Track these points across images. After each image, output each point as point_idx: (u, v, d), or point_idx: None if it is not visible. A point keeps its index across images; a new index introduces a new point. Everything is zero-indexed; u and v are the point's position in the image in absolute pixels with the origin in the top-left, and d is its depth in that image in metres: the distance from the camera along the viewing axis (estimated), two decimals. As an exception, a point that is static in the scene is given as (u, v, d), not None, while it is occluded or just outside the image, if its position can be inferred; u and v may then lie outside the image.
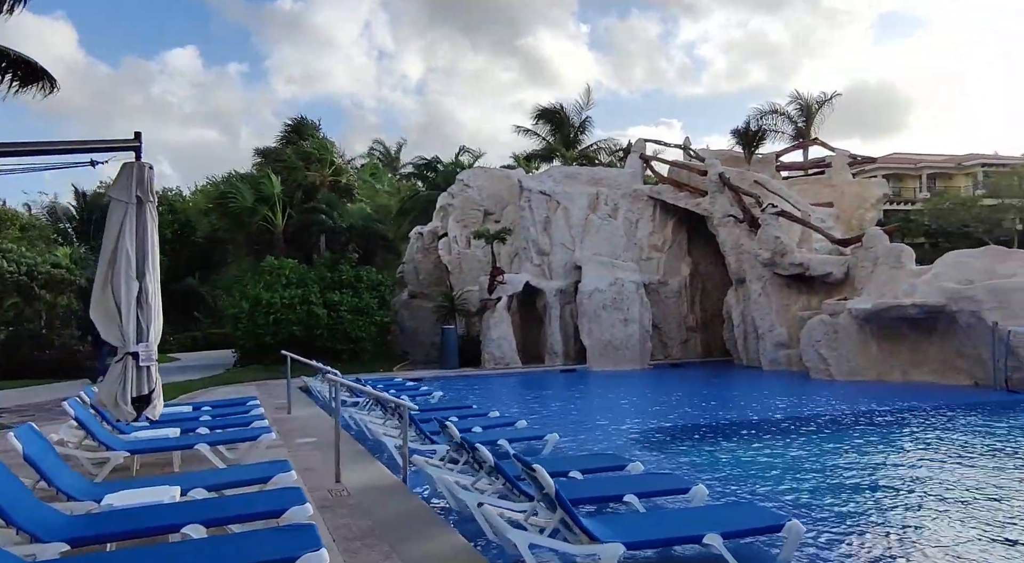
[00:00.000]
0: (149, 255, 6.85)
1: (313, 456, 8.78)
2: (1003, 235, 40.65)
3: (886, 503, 7.18)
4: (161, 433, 8.23)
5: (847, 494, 7.56)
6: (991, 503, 7.04)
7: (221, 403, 11.37)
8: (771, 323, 20.05)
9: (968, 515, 6.69)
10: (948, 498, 7.27)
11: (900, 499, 7.33)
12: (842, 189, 24.15)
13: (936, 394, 14.52)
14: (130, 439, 7.88)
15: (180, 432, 8.40)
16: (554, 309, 22.69)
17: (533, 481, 5.08)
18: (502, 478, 5.80)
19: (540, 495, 5.06)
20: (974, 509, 6.86)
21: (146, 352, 6.82)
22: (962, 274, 15.85)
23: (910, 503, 7.17)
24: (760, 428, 11.77)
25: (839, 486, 7.92)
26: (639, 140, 25.53)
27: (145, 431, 8.25)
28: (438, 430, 9.26)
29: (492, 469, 5.82)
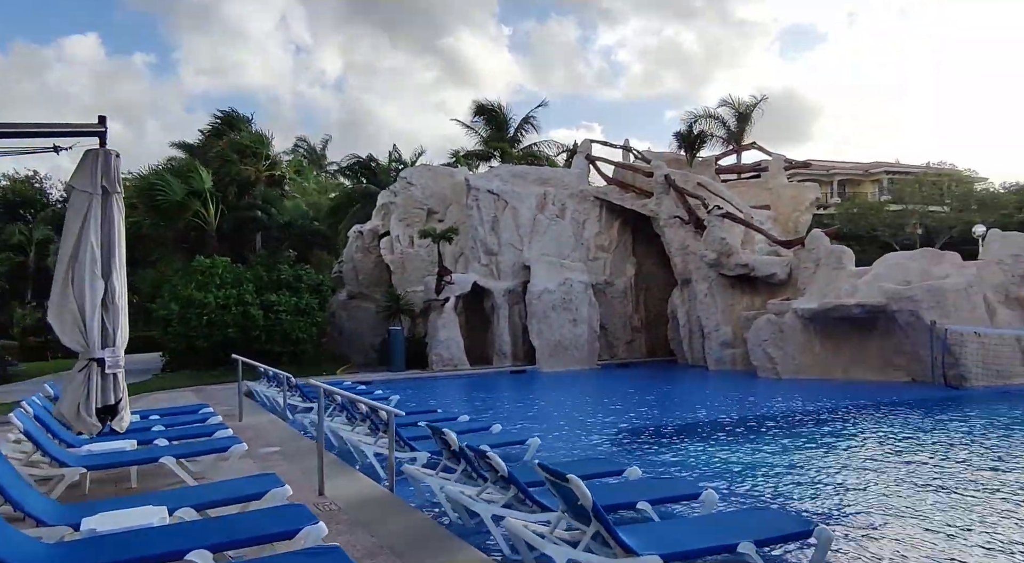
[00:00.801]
0: (116, 251, 6.26)
1: (284, 467, 8.24)
2: (906, 239, 43.02)
3: (857, 496, 7.31)
4: (116, 446, 7.53)
5: (819, 488, 7.67)
6: (944, 492, 7.27)
7: (171, 411, 10.58)
8: (717, 323, 20.44)
9: (917, 502, 6.99)
10: (905, 489, 7.50)
11: (867, 491, 7.53)
12: (778, 192, 24.91)
13: (881, 391, 15.08)
14: (83, 453, 7.18)
15: (137, 444, 7.72)
16: (502, 310, 22.47)
17: (557, 490, 4.83)
18: (513, 488, 5.52)
19: (567, 507, 4.82)
20: (925, 496, 7.13)
21: (113, 358, 6.22)
22: (900, 275, 16.54)
23: (872, 495, 7.41)
24: (725, 427, 11.88)
25: (813, 482, 8.02)
26: (585, 141, 25.64)
27: (97, 444, 7.53)
28: (416, 436, 8.89)
29: (504, 478, 5.53)
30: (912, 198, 45.76)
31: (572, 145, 27.57)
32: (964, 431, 10.96)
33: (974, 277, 15.82)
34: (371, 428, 9.28)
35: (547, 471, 4.76)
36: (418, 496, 7.23)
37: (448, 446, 6.50)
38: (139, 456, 7.09)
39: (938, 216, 44.88)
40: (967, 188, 48.91)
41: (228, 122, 28.93)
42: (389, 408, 7.14)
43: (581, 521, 4.70)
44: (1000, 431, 10.99)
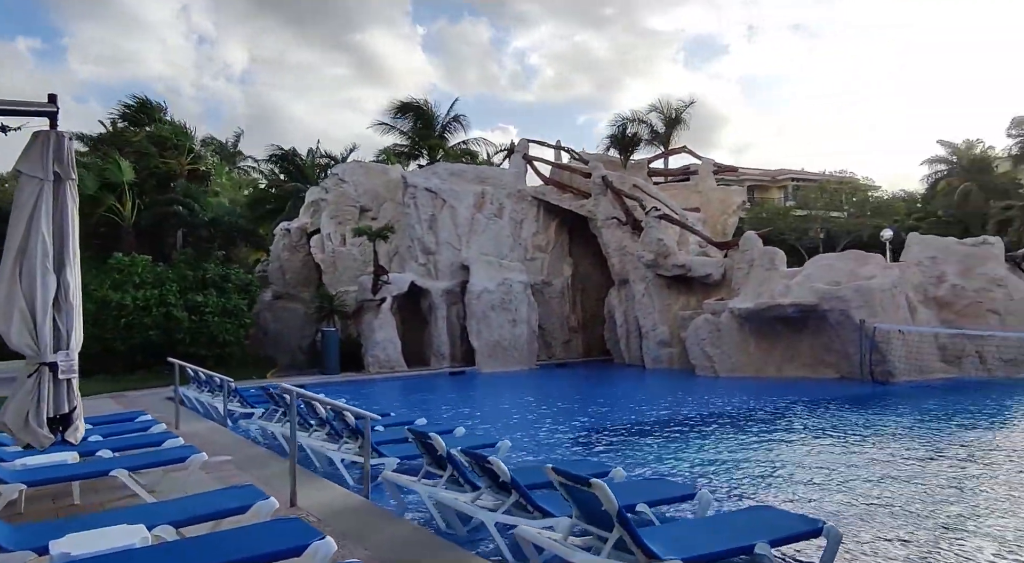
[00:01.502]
0: (70, 244, 5.70)
1: (241, 477, 7.73)
2: (810, 242, 45.39)
3: (810, 486, 7.54)
4: (56, 459, 6.84)
5: (775, 479, 7.85)
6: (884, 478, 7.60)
7: (108, 420, 9.76)
8: (654, 322, 20.80)
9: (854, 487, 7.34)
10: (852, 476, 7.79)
11: (817, 480, 7.78)
12: (708, 195, 25.63)
13: (816, 388, 15.68)
14: (19, 468, 6.48)
15: (79, 456, 7.05)
16: (440, 310, 22.12)
17: (573, 495, 4.67)
18: (515, 493, 5.31)
19: (582, 512, 4.66)
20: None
21: (67, 363, 5.65)
22: (830, 276, 17.27)
23: (820, 480, 7.69)
24: (677, 425, 12.03)
25: (771, 473, 8.20)
26: (522, 140, 25.61)
27: (32, 457, 6.82)
28: (379, 441, 8.53)
29: (504, 484, 5.31)
30: (815, 204, 48.41)
31: (509, 145, 27.51)
32: (899, 422, 11.50)
33: (898, 278, 16.69)
34: (331, 434, 8.85)
35: (564, 476, 4.59)
36: (396, 504, 6.91)
37: (434, 451, 6.22)
38: (85, 470, 6.46)
39: (838, 221, 47.50)
40: (863, 196, 52.28)
41: (142, 111, 27.28)
42: (367, 413, 6.81)
43: (600, 527, 4.55)
44: (930, 422, 11.60)
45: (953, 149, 47.49)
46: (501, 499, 5.53)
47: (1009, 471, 8.35)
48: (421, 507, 6.76)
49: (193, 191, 23.28)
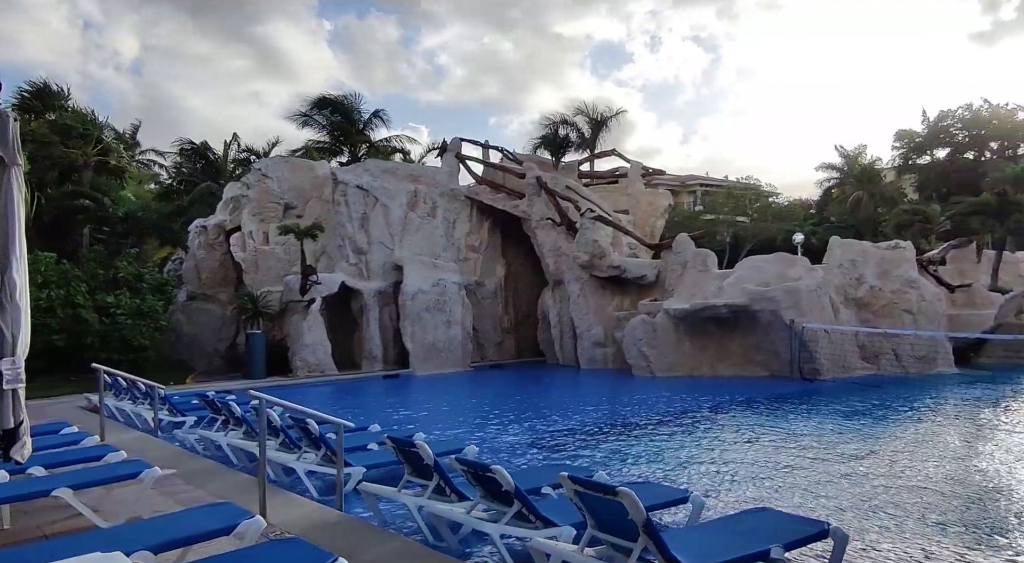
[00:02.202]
0: (16, 238, 5.10)
1: (194, 492, 7.16)
2: (718, 247, 47.36)
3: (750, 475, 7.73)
4: (-20, 479, 6.10)
5: (727, 472, 8.01)
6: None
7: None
8: (589, 323, 20.95)
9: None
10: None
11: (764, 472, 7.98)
12: (637, 198, 26.12)
13: (751, 386, 16.17)
14: (-59, 492, 5.73)
15: (7, 475, 6.31)
16: (372, 311, 21.50)
17: (589, 503, 4.49)
18: (518, 503, 5.08)
19: (597, 521, 4.50)
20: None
21: (13, 371, 5.05)
22: (760, 277, 17.89)
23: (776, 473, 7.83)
24: (625, 426, 12.09)
25: (727, 470, 8.34)
26: (455, 139, 25.27)
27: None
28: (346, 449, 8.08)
29: (506, 493, 5.07)
30: (722, 209, 50.53)
31: (441, 144, 27.09)
32: (832, 416, 11.99)
33: (822, 279, 17.47)
34: (286, 443, 8.33)
35: (584, 484, 4.41)
36: (374, 516, 6.54)
37: (418, 460, 5.90)
38: (23, 490, 5.77)
39: (743, 226, 49.74)
40: (765, 201, 55.10)
41: (39, 97, 25.23)
42: (340, 420, 6.42)
43: (618, 536, 4.39)
44: (860, 415, 12.19)
45: (845, 157, 50.49)
46: (500, 509, 5.29)
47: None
48: (399, 519, 6.44)
49: (103, 184, 21.66)
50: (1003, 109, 54.19)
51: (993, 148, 54.27)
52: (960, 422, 11.80)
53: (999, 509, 7.03)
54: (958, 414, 12.57)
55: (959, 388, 15.34)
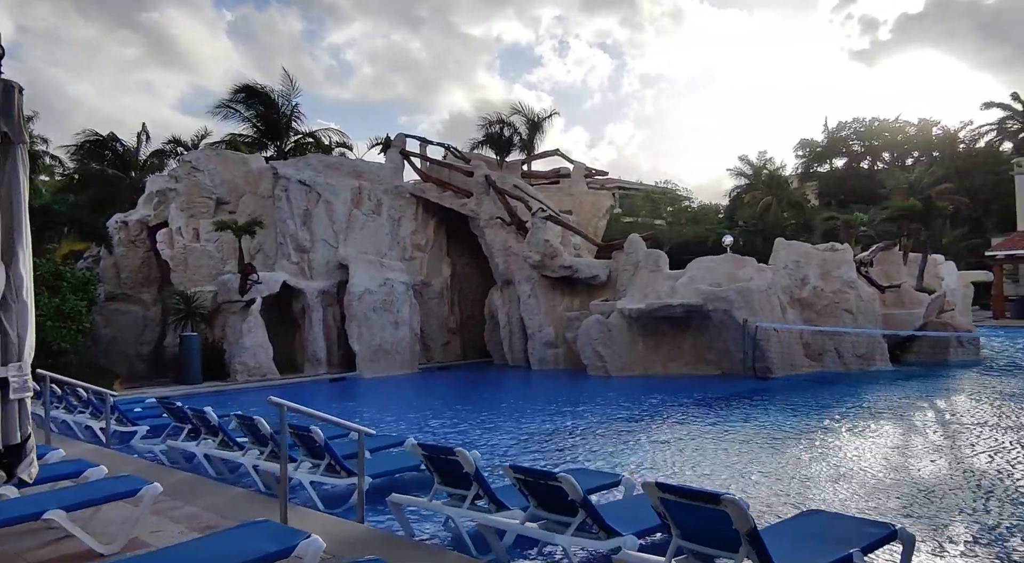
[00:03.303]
0: (22, 226, 4.48)
1: (189, 510, 6.52)
2: None
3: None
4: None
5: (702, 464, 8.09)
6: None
7: None
8: (540, 323, 20.83)
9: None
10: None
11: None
12: (580, 198, 26.25)
13: (709, 384, 16.45)
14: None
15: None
16: (316, 312, 20.65)
17: (689, 513, 4.30)
18: (582, 513, 4.82)
19: (683, 530, 4.31)
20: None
21: (19, 378, 4.45)
22: (712, 277, 18.26)
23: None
24: (603, 424, 12.02)
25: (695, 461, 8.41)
26: (399, 135, 24.64)
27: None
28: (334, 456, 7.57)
29: (569, 502, 4.80)
30: (639, 212, 51.94)
31: (384, 139, 26.30)
32: (788, 411, 12.35)
33: (772, 280, 18.00)
34: (272, 453, 7.74)
35: (681, 492, 4.21)
36: (401, 528, 6.13)
37: (456, 468, 5.54)
38: (7, 514, 5.05)
39: (660, 228, 51.29)
40: (679, 206, 57.13)
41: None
42: (362, 427, 5.99)
43: (708, 545, 4.22)
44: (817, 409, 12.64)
45: (750, 165, 52.87)
46: (555, 519, 5.02)
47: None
48: (427, 530, 6.06)
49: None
50: (894, 123, 58.30)
51: (885, 158, 58.27)
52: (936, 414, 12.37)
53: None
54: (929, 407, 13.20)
55: (908, 382, 16.13)
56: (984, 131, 50.04)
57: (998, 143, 50.58)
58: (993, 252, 34.47)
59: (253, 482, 8.01)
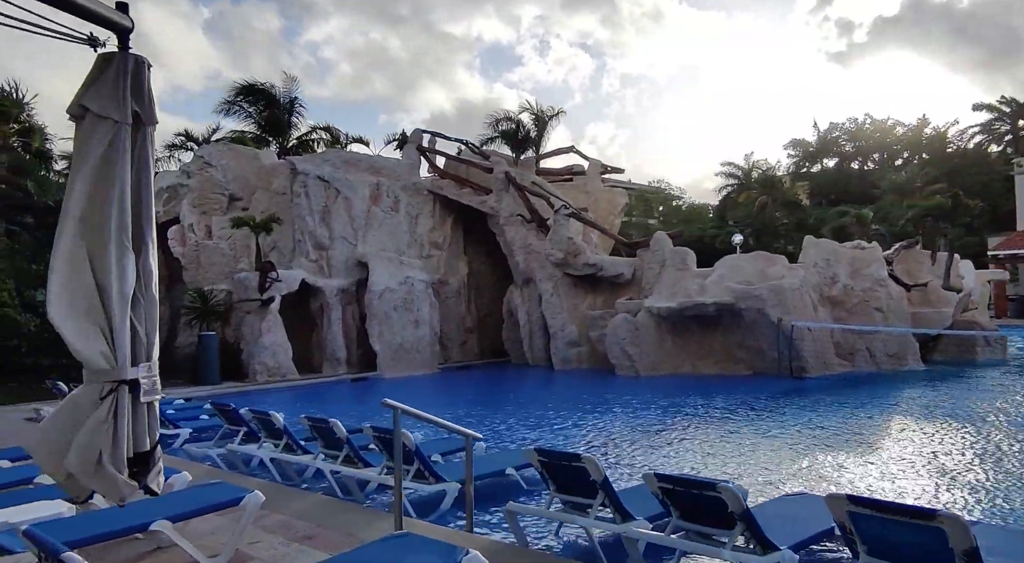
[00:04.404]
0: (151, 212, 4.09)
1: (278, 518, 6.14)
2: None
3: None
4: (43, 510, 4.94)
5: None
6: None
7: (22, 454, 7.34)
8: (563, 322, 20.51)
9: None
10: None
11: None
12: (596, 196, 25.92)
13: (747, 384, 16.17)
14: (8, 528, 4.57)
15: (76, 506, 5.15)
16: (335, 311, 20.21)
17: (882, 528, 3.99)
18: (741, 524, 4.51)
19: (871, 543, 4.01)
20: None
21: (149, 379, 4.06)
22: (741, 275, 18.02)
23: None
24: (644, 427, 11.73)
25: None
26: (416, 131, 24.24)
27: (15, 509, 4.88)
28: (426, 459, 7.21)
29: (729, 515, 4.48)
30: (632, 211, 51.98)
31: (401, 135, 25.85)
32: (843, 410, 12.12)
33: (804, 278, 17.79)
34: (350, 457, 7.37)
35: (879, 505, 3.91)
36: (515, 537, 5.77)
37: (584, 476, 5.20)
38: (114, 525, 4.67)
39: (652, 227, 51.30)
40: (669, 205, 57.26)
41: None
42: (470, 432, 5.65)
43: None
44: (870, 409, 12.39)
45: (739, 167, 53.08)
46: (709, 532, 4.70)
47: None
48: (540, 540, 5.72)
49: (29, 167, 19.22)
50: (884, 123, 58.71)
51: (875, 159, 58.68)
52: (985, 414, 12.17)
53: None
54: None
55: (953, 382, 15.94)
56: (973, 132, 50.47)
57: (987, 144, 51.06)
58: (994, 252, 34.57)
59: (318, 486, 7.65)
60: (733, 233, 35.30)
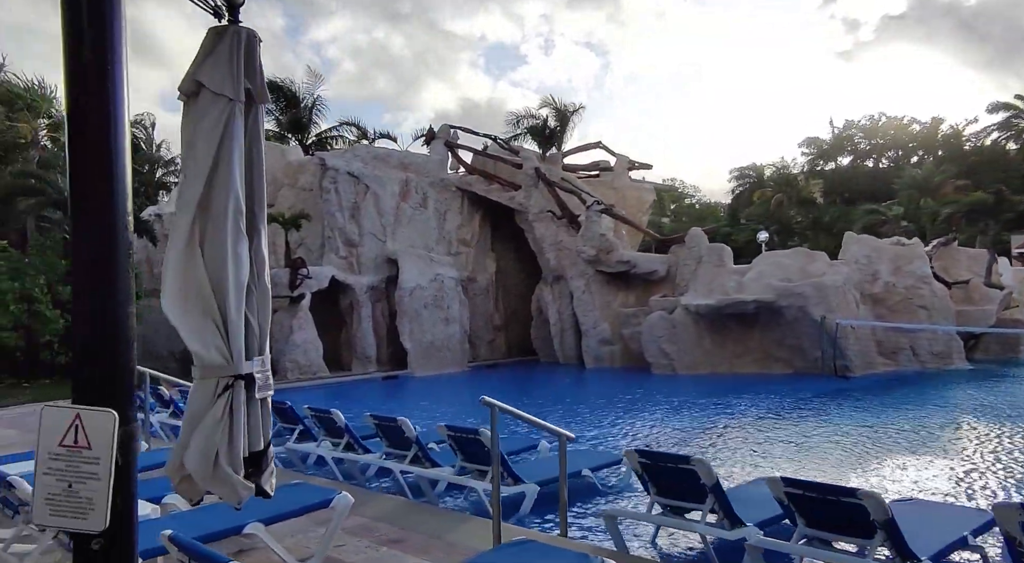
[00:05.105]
0: (263, 195, 3.80)
1: (358, 520, 5.87)
2: (645, 244, 48.29)
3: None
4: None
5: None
6: None
7: None
8: (595, 320, 20.19)
9: None
10: None
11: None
12: (623, 192, 25.57)
13: (791, 384, 15.74)
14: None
15: (159, 508, 4.92)
16: (365, 308, 19.97)
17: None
18: (883, 533, 4.20)
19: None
20: None
21: (263, 374, 3.74)
22: (781, 273, 17.65)
23: None
24: (725, 428, 11.42)
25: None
26: (444, 126, 23.97)
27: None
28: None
29: (867, 524, 4.17)
30: None
31: (428, 131, 25.42)
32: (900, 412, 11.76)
33: (847, 275, 17.41)
34: (421, 457, 7.09)
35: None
36: (615, 542, 5.47)
37: (693, 478, 4.89)
38: (210, 528, 4.43)
39: (666, 226, 50.90)
40: (682, 203, 56.92)
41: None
42: (563, 431, 5.36)
43: None
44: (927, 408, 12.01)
45: (754, 167, 52.74)
46: (850, 542, 4.39)
47: None
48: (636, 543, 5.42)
49: (53, 162, 19.04)
50: (900, 121, 58.11)
51: (890, 156, 58.08)
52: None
53: None
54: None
55: (1001, 381, 15.59)
56: (990, 129, 49.71)
57: (1004, 141, 50.36)
58: (1020, 250, 34.00)
59: (381, 486, 7.40)
60: (751, 231, 34.90)
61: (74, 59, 2.34)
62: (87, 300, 2.35)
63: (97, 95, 2.37)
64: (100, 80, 2.37)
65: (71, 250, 2.34)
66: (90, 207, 2.38)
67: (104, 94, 2.38)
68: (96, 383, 2.29)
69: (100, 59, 2.34)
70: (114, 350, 2.34)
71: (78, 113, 2.34)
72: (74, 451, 2.17)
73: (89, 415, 2.15)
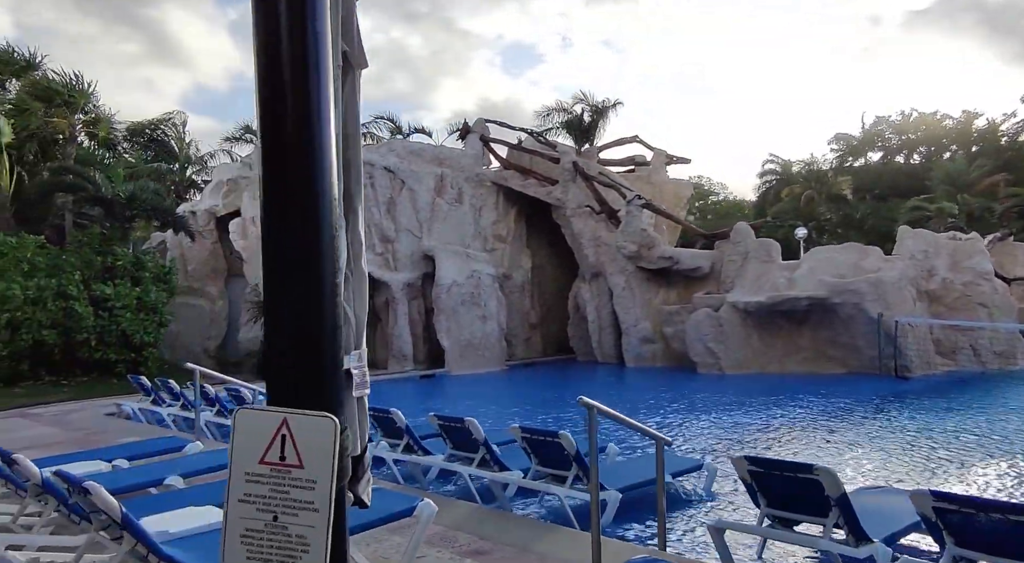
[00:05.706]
0: (360, 172, 3.36)
1: (433, 529, 5.43)
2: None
3: None
4: (196, 518, 4.28)
5: None
6: None
7: (145, 451, 6.76)
8: (636, 318, 19.63)
9: None
10: None
11: None
12: (661, 187, 24.97)
13: (848, 385, 15.08)
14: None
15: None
16: (401, 306, 19.61)
17: None
18: None
19: None
20: None
21: (360, 371, 3.29)
22: (834, 268, 16.98)
23: None
24: (752, 428, 10.85)
25: None
26: (479, 120, 23.55)
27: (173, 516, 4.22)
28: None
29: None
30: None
31: (463, 125, 24.99)
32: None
33: (903, 271, 16.70)
34: (489, 460, 6.65)
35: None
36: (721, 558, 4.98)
37: (817, 488, 4.38)
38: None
39: (693, 223, 49.97)
40: (707, 201, 56.10)
41: (5, 61, 22.18)
42: (660, 434, 4.87)
43: None
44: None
45: (781, 163, 51.69)
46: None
47: None
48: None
49: (91, 158, 18.92)
50: (931, 117, 56.67)
51: (921, 152, 56.65)
52: None
53: None
54: None
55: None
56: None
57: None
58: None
59: (444, 489, 6.98)
60: (779, 228, 34.05)
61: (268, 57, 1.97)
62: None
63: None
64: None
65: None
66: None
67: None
68: (303, 379, 1.76)
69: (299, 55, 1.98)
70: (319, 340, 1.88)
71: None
72: (282, 470, 1.67)
73: (300, 422, 1.64)
